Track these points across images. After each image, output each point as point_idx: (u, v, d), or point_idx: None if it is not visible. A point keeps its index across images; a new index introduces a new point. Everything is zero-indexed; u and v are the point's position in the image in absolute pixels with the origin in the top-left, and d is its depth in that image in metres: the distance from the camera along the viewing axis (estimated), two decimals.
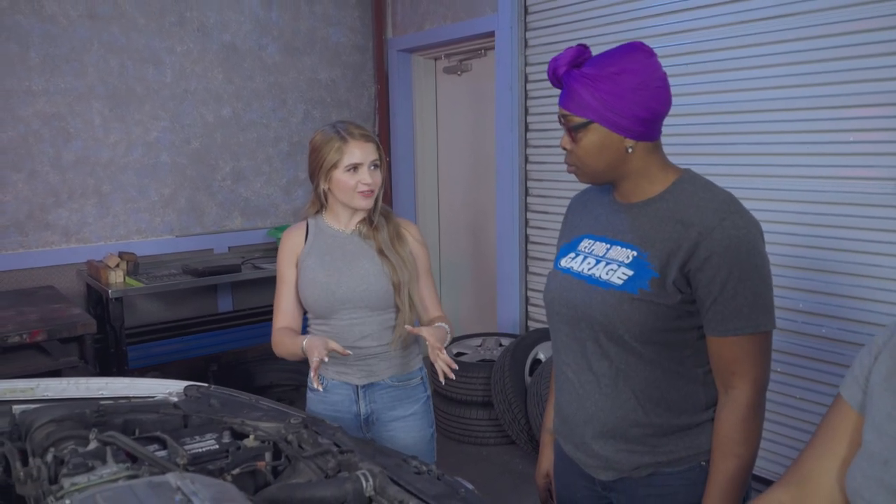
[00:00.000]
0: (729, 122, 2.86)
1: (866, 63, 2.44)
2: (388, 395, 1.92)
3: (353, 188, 1.84)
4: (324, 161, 1.84)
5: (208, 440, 1.48)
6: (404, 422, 1.94)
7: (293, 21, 4.39)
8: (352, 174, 1.83)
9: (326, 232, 1.94)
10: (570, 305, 1.37)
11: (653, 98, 1.26)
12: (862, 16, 2.43)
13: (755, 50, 2.74)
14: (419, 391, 1.97)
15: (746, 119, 2.80)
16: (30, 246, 3.69)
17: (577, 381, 1.38)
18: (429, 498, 1.21)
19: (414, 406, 1.95)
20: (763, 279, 1.24)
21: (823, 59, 2.55)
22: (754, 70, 2.75)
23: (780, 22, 2.65)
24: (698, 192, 1.29)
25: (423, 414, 1.98)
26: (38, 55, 3.60)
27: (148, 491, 1.04)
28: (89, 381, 1.65)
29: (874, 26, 2.40)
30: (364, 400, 1.92)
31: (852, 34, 2.46)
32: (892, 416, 0.84)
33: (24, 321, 2.88)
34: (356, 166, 1.83)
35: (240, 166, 4.29)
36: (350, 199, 1.86)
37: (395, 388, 1.93)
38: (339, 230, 1.93)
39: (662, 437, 1.31)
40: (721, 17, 2.84)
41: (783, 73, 2.67)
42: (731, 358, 1.25)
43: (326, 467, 1.35)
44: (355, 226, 1.93)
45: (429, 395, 2.01)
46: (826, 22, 2.53)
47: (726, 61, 2.84)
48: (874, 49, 2.41)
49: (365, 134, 1.86)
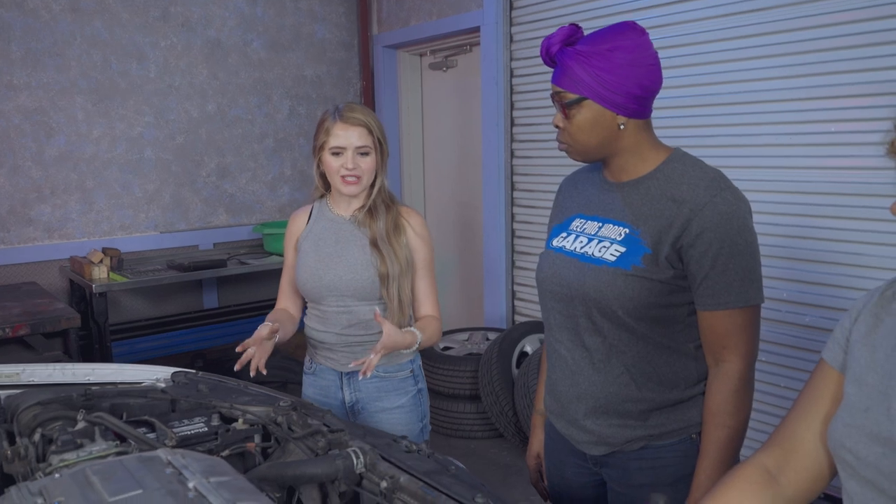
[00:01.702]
0: (712, 115, 2.89)
1: (847, 54, 2.47)
2: (373, 386, 1.89)
3: (336, 172, 1.81)
4: (317, 140, 1.83)
5: (197, 423, 1.47)
6: (390, 414, 1.89)
7: (278, 17, 4.38)
8: (336, 158, 1.80)
9: (326, 216, 1.92)
10: (563, 283, 1.37)
11: (645, 75, 1.27)
12: (843, 7, 2.46)
13: (739, 42, 2.77)
14: (408, 384, 1.92)
15: (729, 111, 2.83)
16: (11, 242, 3.64)
17: (569, 358, 1.38)
18: (419, 474, 1.21)
19: (401, 399, 1.90)
20: (752, 254, 1.25)
21: (805, 51, 2.59)
22: (738, 62, 2.78)
23: (763, 14, 2.68)
24: (689, 169, 1.30)
25: (412, 407, 1.92)
26: (19, 49, 3.56)
27: (138, 465, 1.03)
28: (75, 366, 1.63)
29: (855, 18, 2.43)
30: (349, 388, 1.90)
31: (833, 26, 2.50)
32: (870, 366, 0.86)
33: (7, 315, 2.85)
34: (340, 150, 1.79)
35: (225, 162, 4.27)
36: (335, 183, 1.83)
37: (382, 378, 1.88)
38: (338, 215, 1.91)
39: (654, 411, 1.32)
40: (704, 11, 2.87)
41: (766, 64, 2.70)
42: (722, 331, 1.26)
43: (316, 447, 1.35)
44: (353, 212, 1.90)
45: (420, 388, 1.95)
46: (807, 14, 2.56)
47: (710, 54, 2.87)
48: (854, 41, 2.44)
49: (356, 118, 1.80)
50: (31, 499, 0.93)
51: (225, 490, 0.97)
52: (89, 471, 0.99)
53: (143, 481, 0.96)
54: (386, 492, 1.17)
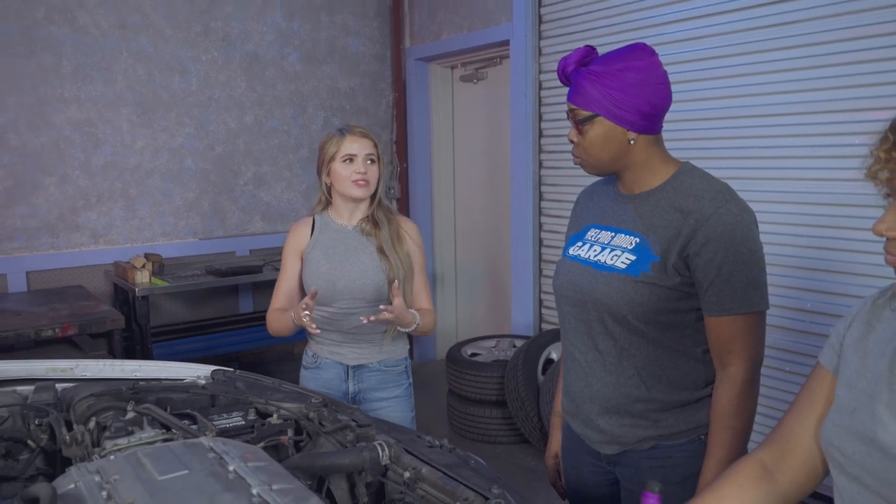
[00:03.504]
0: (737, 127, 2.94)
1: (870, 68, 2.50)
2: (374, 378, 2.09)
3: (348, 177, 2.01)
4: (325, 155, 2.04)
5: (235, 417, 1.57)
6: (387, 402, 2.11)
7: (314, 31, 4.52)
8: (348, 164, 2.02)
9: (331, 227, 2.10)
10: (578, 289, 1.45)
11: (654, 94, 1.34)
12: (864, 22, 2.49)
13: (762, 56, 2.81)
14: (402, 378, 2.14)
15: (754, 123, 2.87)
16: (60, 247, 3.83)
17: (583, 361, 1.46)
18: (441, 466, 1.30)
19: (397, 390, 2.12)
20: (757, 262, 1.31)
21: (828, 65, 2.62)
22: (762, 76, 2.82)
23: (785, 29, 2.72)
24: (696, 182, 1.37)
25: (405, 398, 2.15)
26: (70, 64, 3.76)
27: (184, 449, 1.13)
28: (123, 363, 1.76)
29: (877, 32, 2.47)
30: (353, 379, 2.09)
31: (856, 40, 2.53)
32: (860, 372, 0.92)
33: (57, 317, 3.01)
34: (352, 157, 2.01)
35: (261, 172, 4.42)
36: (346, 189, 2.02)
37: (382, 372, 2.10)
38: (343, 225, 2.10)
39: (664, 412, 1.39)
40: (729, 25, 2.92)
41: (790, 77, 2.74)
42: (728, 336, 1.32)
43: (345, 441, 1.44)
44: (357, 222, 2.09)
45: (410, 382, 2.18)
46: (830, 28, 2.59)
47: (734, 67, 2.92)
48: (878, 54, 2.47)
49: (362, 131, 2.05)
50: (89, 476, 1.04)
51: (262, 473, 1.07)
52: (140, 453, 1.10)
53: (189, 463, 1.06)
54: (409, 482, 1.26)
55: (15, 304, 3.29)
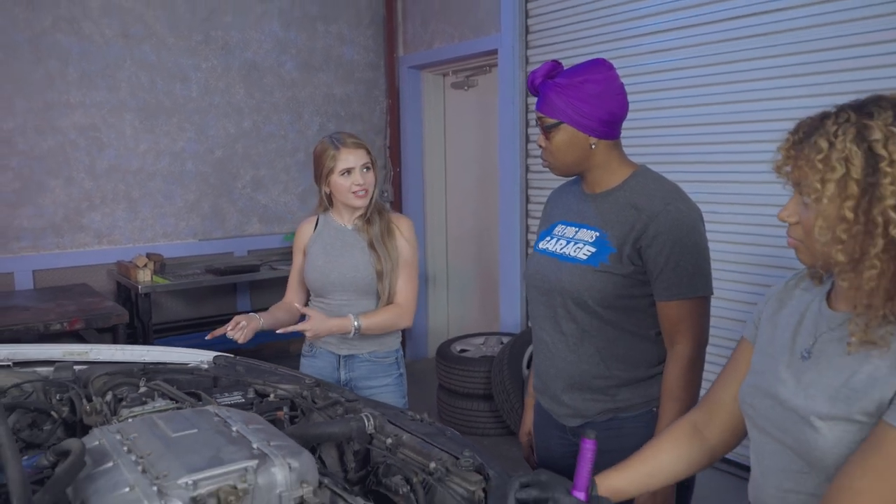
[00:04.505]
0: (715, 133, 3.11)
1: (836, 77, 2.66)
2: (364, 367, 2.22)
3: (348, 189, 2.14)
4: (322, 168, 2.16)
5: (235, 396, 1.73)
6: (378, 390, 2.21)
7: (310, 40, 4.70)
8: (346, 177, 2.13)
9: (331, 226, 2.26)
10: (545, 279, 1.61)
11: (612, 103, 1.51)
12: (838, 34, 2.64)
13: (738, 66, 2.97)
14: (393, 368, 2.26)
15: (728, 130, 3.04)
16: (65, 247, 3.98)
17: (550, 343, 1.62)
18: (420, 435, 1.46)
19: (387, 379, 2.24)
20: (701, 253, 1.48)
21: (795, 75, 2.79)
22: (735, 84, 2.99)
23: (760, 40, 2.88)
24: (649, 183, 1.54)
25: (396, 387, 2.26)
26: (76, 71, 3.92)
27: (193, 414, 1.29)
28: (133, 347, 1.92)
29: (848, 43, 2.61)
30: (345, 368, 2.22)
31: (826, 51, 2.68)
32: (770, 340, 1.09)
33: (64, 312, 3.16)
34: (349, 170, 2.13)
35: (259, 175, 4.58)
36: (347, 199, 2.16)
37: (372, 362, 2.22)
38: (342, 225, 2.25)
39: (620, 387, 1.56)
40: (708, 36, 3.07)
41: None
42: (676, 319, 1.49)
43: (335, 415, 1.60)
44: (353, 221, 2.23)
45: (401, 373, 2.29)
46: (801, 40, 2.75)
47: (712, 76, 3.07)
48: (845, 65, 2.62)
49: (355, 142, 2.16)
50: (111, 435, 1.20)
51: (261, 433, 1.22)
52: (155, 417, 1.26)
53: (198, 424, 1.22)
54: (391, 447, 1.42)
55: (23, 301, 3.44)
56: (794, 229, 1.00)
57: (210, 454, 1.11)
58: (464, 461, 1.30)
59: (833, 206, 0.90)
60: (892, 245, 0.86)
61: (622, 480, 1.16)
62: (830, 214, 0.90)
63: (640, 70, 3.27)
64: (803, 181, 0.94)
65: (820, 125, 0.93)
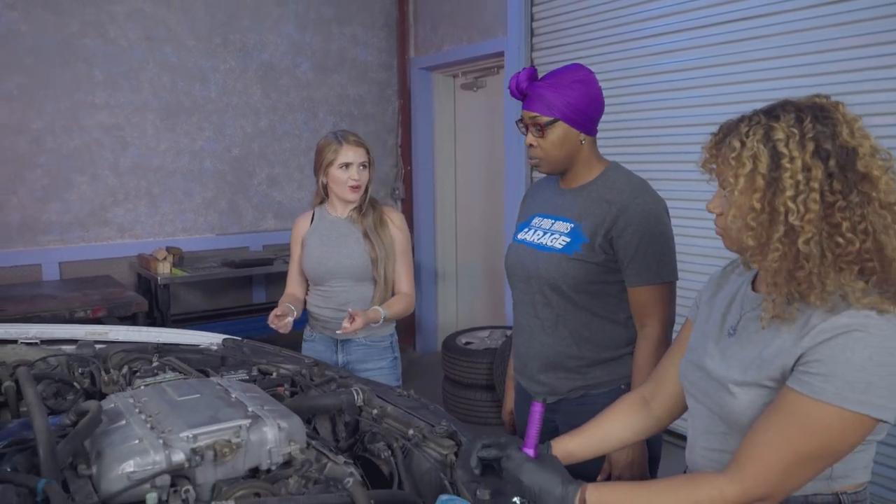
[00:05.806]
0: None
1: (822, 81, 2.75)
2: (360, 351, 2.36)
3: (344, 182, 2.30)
4: (324, 159, 2.32)
5: (241, 374, 1.88)
6: (373, 373, 2.33)
7: (325, 42, 4.86)
8: (344, 171, 2.30)
9: (327, 218, 2.42)
10: (523, 267, 1.75)
11: (599, 102, 1.66)
12: (831, 36, 2.72)
13: (739, 67, 3.04)
14: (387, 352, 2.40)
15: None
16: (90, 240, 4.18)
17: (527, 326, 1.76)
18: (405, 408, 1.60)
19: (382, 363, 2.38)
20: (666, 242, 1.61)
21: (789, 77, 2.87)
22: (740, 85, 3.06)
23: (759, 42, 2.95)
24: (620, 178, 1.67)
25: (390, 370, 2.40)
26: (101, 73, 4.11)
27: (197, 382, 1.45)
28: (148, 329, 2.09)
29: (842, 45, 2.68)
30: (342, 351, 2.37)
31: (821, 53, 2.76)
32: (705, 320, 1.21)
33: (88, 301, 3.35)
34: (348, 165, 2.29)
35: (274, 173, 4.75)
36: (342, 192, 2.32)
37: (367, 346, 2.36)
38: (336, 216, 2.40)
39: (592, 366, 1.69)
40: (708, 38, 3.15)
41: (760, 87, 2.99)
42: (645, 302, 1.62)
43: (329, 390, 1.74)
44: (348, 213, 2.38)
45: (396, 356, 2.43)
46: (798, 42, 2.83)
47: (716, 76, 3.15)
48: (837, 67, 2.70)
49: (357, 140, 2.33)
50: (125, 399, 1.36)
51: (257, 400, 1.37)
52: (163, 385, 1.42)
53: (201, 391, 1.38)
54: (377, 417, 1.57)
55: (50, 290, 3.64)
56: (719, 219, 1.12)
57: (210, 414, 1.26)
58: (439, 429, 1.45)
59: (744, 198, 1.02)
60: (791, 231, 0.98)
61: (575, 444, 1.29)
62: (742, 205, 1.02)
63: (640, 71, 3.38)
64: (722, 176, 1.06)
65: (735, 127, 1.06)
